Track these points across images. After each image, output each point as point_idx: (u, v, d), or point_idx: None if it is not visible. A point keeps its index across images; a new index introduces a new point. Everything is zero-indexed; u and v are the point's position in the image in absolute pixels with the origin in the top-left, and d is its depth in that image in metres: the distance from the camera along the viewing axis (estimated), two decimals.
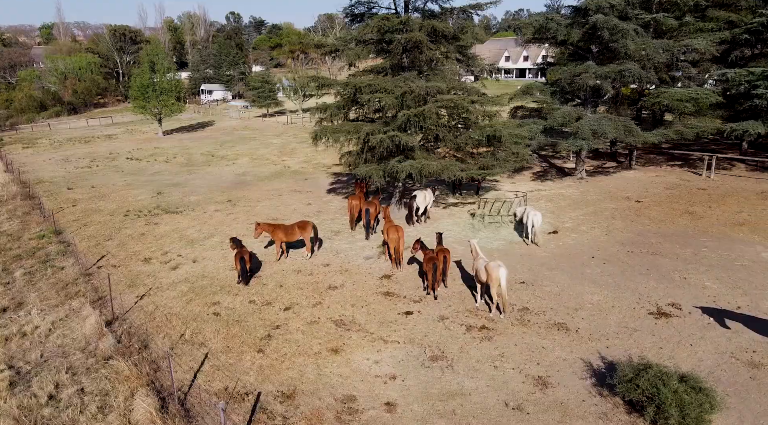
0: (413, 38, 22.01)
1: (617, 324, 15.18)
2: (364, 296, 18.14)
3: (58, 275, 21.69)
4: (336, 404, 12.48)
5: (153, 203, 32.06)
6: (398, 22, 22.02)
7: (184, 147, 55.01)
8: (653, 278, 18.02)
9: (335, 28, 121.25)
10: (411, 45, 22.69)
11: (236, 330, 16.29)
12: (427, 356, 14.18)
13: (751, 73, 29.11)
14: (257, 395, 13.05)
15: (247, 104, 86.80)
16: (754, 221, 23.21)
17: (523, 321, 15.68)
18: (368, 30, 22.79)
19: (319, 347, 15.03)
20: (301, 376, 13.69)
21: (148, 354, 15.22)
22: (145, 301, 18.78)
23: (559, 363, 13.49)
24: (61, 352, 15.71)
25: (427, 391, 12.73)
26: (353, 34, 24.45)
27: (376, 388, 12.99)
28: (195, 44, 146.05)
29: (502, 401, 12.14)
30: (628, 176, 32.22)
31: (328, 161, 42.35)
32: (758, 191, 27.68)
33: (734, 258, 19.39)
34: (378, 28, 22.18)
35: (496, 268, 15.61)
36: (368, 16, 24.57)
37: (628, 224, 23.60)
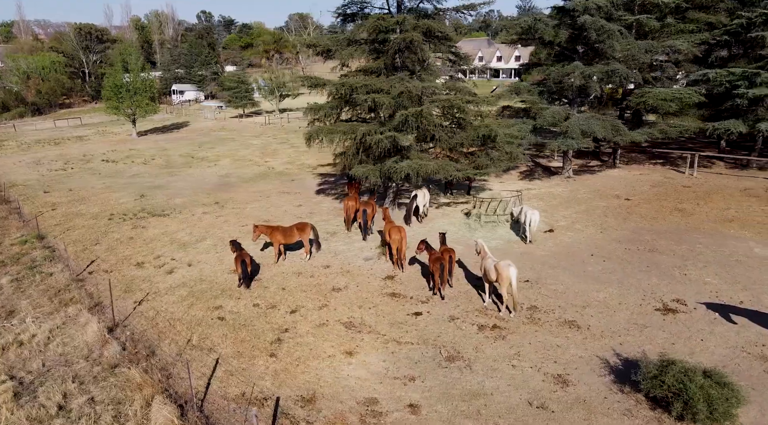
0: (409, 38, 21.99)
1: (626, 321, 15.41)
2: (370, 297, 18.05)
3: (48, 281, 21.10)
4: (358, 407, 12.39)
5: (137, 206, 31.40)
6: (394, 22, 21.98)
7: (161, 149, 54.00)
8: (654, 275, 18.34)
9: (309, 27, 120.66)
10: (405, 45, 22.65)
11: (244, 335, 16.05)
12: (443, 356, 14.18)
13: (731, 74, 29.89)
14: (276, 400, 12.88)
15: (221, 105, 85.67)
16: (742, 217, 23.83)
17: (533, 319, 15.80)
18: (362, 30, 22.68)
19: (332, 350, 14.91)
20: (319, 380, 13.56)
21: (156, 361, 14.88)
22: (145, 306, 18.38)
23: (576, 360, 13.62)
24: (63, 361, 15.28)
25: (449, 392, 12.72)
26: (346, 34, 24.29)
27: (396, 390, 12.94)
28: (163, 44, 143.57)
29: (525, 400, 12.21)
30: (614, 175, 32.77)
31: (313, 161, 42.08)
32: (741, 188, 28.42)
33: (729, 254, 19.87)
34: (375, 27, 22.08)
35: (507, 267, 15.70)
36: (361, 16, 24.46)
37: (621, 222, 23.99)
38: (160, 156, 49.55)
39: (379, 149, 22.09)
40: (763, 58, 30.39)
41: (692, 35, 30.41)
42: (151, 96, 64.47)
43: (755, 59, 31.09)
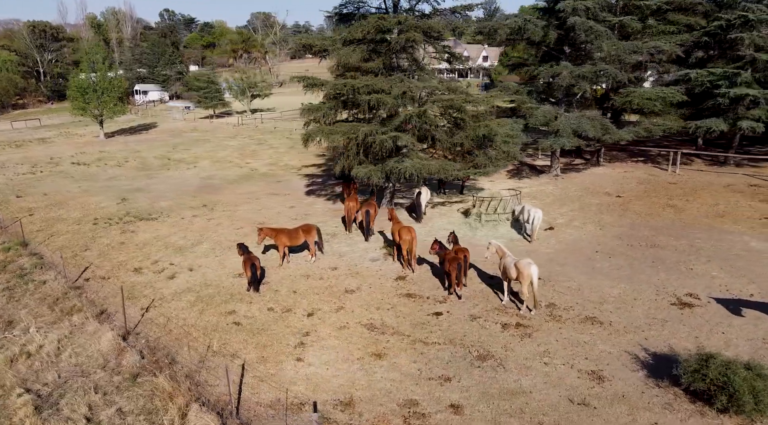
0: (411, 38, 22.01)
1: (645, 316, 15.75)
2: (386, 298, 18.00)
3: (43, 289, 20.40)
4: (400, 409, 12.34)
5: (120, 210, 30.58)
6: (395, 22, 21.93)
7: (133, 151, 52.71)
8: (662, 270, 18.80)
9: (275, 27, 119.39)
10: (401, 45, 22.68)
11: (265, 339, 15.80)
12: (473, 356, 14.23)
13: (712, 74, 30.89)
14: (314, 404, 12.69)
15: (189, 105, 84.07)
16: (732, 212, 24.64)
17: (554, 316, 16.01)
18: (361, 29, 22.52)
19: (360, 352, 14.80)
20: (353, 383, 13.44)
21: (179, 369, 14.51)
22: (153, 313, 17.92)
23: (606, 356, 13.85)
24: (79, 371, 14.79)
25: (487, 391, 12.78)
26: (343, 34, 24.14)
27: (434, 391, 12.93)
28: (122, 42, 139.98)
29: (565, 397, 12.35)
30: (599, 173, 33.47)
31: (296, 163, 41.70)
32: (724, 185, 29.40)
33: (728, 248, 20.52)
34: (376, 27, 21.99)
35: (528, 265, 15.86)
36: (358, 17, 24.34)
37: (617, 219, 24.52)
38: (134, 158, 48.37)
39: (383, 149, 22.03)
40: (741, 58, 31.50)
41: (673, 36, 31.32)
42: (119, 96, 62.84)
43: (733, 60, 32.21)
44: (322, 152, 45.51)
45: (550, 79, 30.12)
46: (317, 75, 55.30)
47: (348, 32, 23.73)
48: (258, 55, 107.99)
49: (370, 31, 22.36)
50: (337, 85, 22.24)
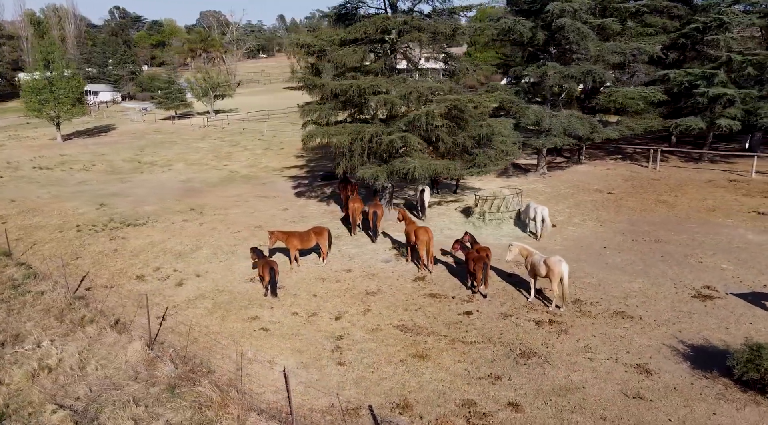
0: (416, 38, 22.05)
1: (671, 309, 16.24)
2: (411, 299, 17.98)
3: (43, 300, 19.54)
4: (459, 409, 12.35)
5: (102, 215, 29.51)
6: (401, 22, 21.90)
7: (96, 154, 50.90)
8: (673, 264, 19.44)
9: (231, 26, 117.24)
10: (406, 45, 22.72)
11: (299, 345, 15.56)
12: (516, 354, 14.37)
13: (689, 74, 32.14)
14: (369, 408, 12.60)
15: (146, 106, 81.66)
16: (722, 206, 25.69)
17: (584, 312, 16.33)
18: (365, 29, 22.41)
19: (401, 354, 14.74)
20: (403, 385, 13.37)
21: (218, 377, 14.12)
22: (171, 322, 17.38)
23: (645, 349, 14.22)
24: (110, 384, 14.21)
25: (540, 388, 12.93)
26: (342, 34, 23.95)
27: (487, 390, 12.99)
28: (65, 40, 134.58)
29: (619, 391, 12.61)
30: (582, 170, 34.33)
31: (276, 164, 41.12)
32: (706, 180, 30.62)
33: (728, 241, 21.39)
34: (382, 27, 21.92)
35: (558, 263, 16.13)
36: (359, 17, 24.20)
37: (614, 215, 25.21)
38: (100, 162, 46.72)
39: (390, 149, 22.00)
40: (716, 59, 32.88)
41: (652, 38, 32.44)
42: (77, 97, 60.51)
43: (708, 61, 33.59)
44: (300, 153, 45.07)
45: (537, 80, 30.68)
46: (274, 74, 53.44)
47: (348, 31, 23.53)
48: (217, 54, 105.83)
49: (374, 31, 22.26)
50: (344, 86, 22.02)
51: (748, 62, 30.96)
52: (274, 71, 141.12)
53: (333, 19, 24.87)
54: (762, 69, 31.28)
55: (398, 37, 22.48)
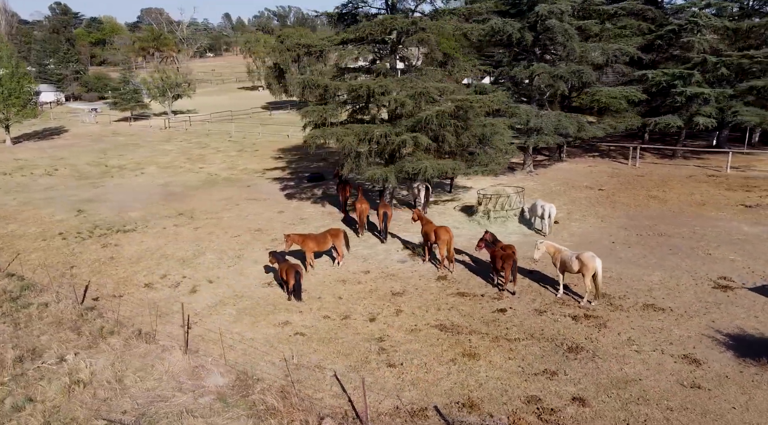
0: (426, 38, 22.13)
1: (697, 300, 16.88)
2: (440, 298, 18.03)
3: (50, 313, 18.63)
4: (526, 406, 12.48)
5: (85, 222, 28.36)
6: (410, 23, 21.92)
7: (55, 157, 48.67)
8: (683, 257, 20.20)
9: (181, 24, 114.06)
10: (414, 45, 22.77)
11: (342, 348, 15.37)
12: (564, 349, 14.63)
13: (666, 74, 33.47)
14: (435, 409, 12.58)
15: (96, 107, 78.56)
16: (710, 201, 26.86)
17: (615, 306, 16.77)
18: (369, 29, 22.31)
19: (449, 353, 14.77)
20: (462, 384, 13.41)
21: (269, 385, 13.78)
22: (199, 330, 16.83)
23: (686, 340, 14.73)
24: (155, 396, 13.68)
25: (599, 382, 13.20)
26: (343, 34, 23.77)
27: (547, 386, 13.17)
28: None
29: (675, 382, 13.02)
30: (566, 168, 35.20)
31: (256, 166, 40.32)
32: (686, 176, 31.96)
33: (727, 234, 22.38)
34: (390, 28, 21.88)
35: (592, 258, 16.52)
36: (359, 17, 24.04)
37: (612, 211, 25.97)
38: (63, 166, 44.69)
39: (401, 149, 22.01)
40: (689, 60, 34.34)
41: (629, 39, 33.62)
42: (28, 98, 57.64)
43: (682, 62, 35.04)
44: (278, 155, 44.41)
45: (526, 79, 31.29)
46: (225, 74, 52.33)
47: (350, 32, 23.37)
48: (170, 53, 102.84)
49: (380, 31, 22.21)
50: (353, 86, 21.86)
51: (722, 63, 32.53)
52: (225, 71, 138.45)
53: (335, 19, 24.60)
54: (734, 70, 32.91)
55: (406, 37, 22.42)
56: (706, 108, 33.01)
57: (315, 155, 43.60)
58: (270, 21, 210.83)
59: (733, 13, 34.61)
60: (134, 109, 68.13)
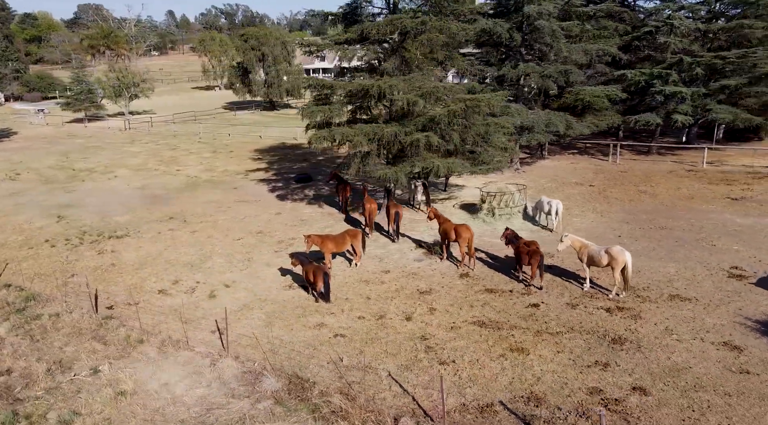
0: (434, 38, 22.27)
1: (718, 289, 17.64)
2: (469, 296, 18.20)
3: (65, 323, 17.89)
4: (590, 397, 12.77)
5: (69, 228, 27.24)
6: (419, 23, 21.99)
7: (12, 161, 46.19)
8: (691, 248, 21.05)
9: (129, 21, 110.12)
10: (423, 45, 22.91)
11: (387, 348, 15.32)
12: (608, 341, 15.04)
13: (644, 73, 34.78)
14: (501, 404, 12.73)
15: (43, 108, 75.08)
16: (697, 194, 28.08)
17: (642, 297, 17.34)
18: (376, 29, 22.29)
19: (497, 349, 14.93)
20: (521, 379, 13.59)
21: (326, 387, 13.59)
22: (231, 335, 16.42)
23: (720, 328, 15.37)
24: (210, 404, 13.33)
25: (652, 371, 13.63)
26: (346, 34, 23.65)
27: (604, 377, 13.47)
28: None
29: (723, 368, 13.58)
30: (550, 165, 36.04)
31: (236, 168, 39.47)
32: (667, 171, 33.27)
33: (723, 225, 23.44)
34: (401, 28, 21.90)
35: (622, 252, 17.02)
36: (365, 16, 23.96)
37: (608, 206, 26.79)
38: (23, 170, 42.51)
39: (413, 149, 22.10)
40: (664, 60, 35.77)
41: (607, 40, 34.75)
42: None
43: (657, 62, 36.46)
44: (256, 156, 43.62)
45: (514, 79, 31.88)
46: (174, 73, 50.84)
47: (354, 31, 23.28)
48: (122, 52, 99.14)
49: (390, 31, 22.22)
50: (365, 86, 21.77)
51: (697, 63, 34.07)
52: (174, 70, 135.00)
53: (339, 18, 24.40)
54: (707, 69, 34.55)
55: (415, 37, 22.47)
56: (683, 106, 34.49)
57: (295, 156, 43.22)
58: (218, 19, 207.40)
59: (702, 16, 36.23)
60: (88, 110, 65.47)
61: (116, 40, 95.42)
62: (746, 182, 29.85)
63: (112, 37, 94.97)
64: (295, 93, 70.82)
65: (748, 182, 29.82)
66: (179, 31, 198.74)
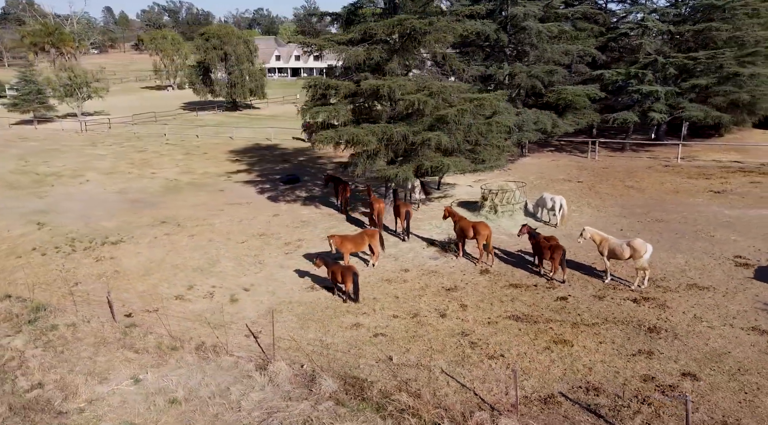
0: (439, 39, 22.53)
1: (729, 277, 18.57)
2: (495, 291, 18.51)
3: (85, 332, 17.26)
4: (645, 385, 13.24)
5: (55, 236, 26.16)
6: (427, 23, 22.15)
7: None
8: (691, 239, 22.03)
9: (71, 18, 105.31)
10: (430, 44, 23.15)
11: (430, 345, 15.42)
12: (644, 330, 15.63)
13: (620, 73, 36.13)
14: (561, 394, 13.06)
15: None
16: (681, 188, 29.39)
17: (663, 288, 18.07)
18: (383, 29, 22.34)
19: (540, 342, 15.26)
20: (573, 370, 13.96)
21: (382, 385, 13.60)
22: (266, 338, 16.22)
23: (744, 314, 16.18)
24: (269, 407, 13.20)
25: (694, 357, 14.25)
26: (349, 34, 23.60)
27: (651, 365, 13.98)
28: None
29: (759, 351, 14.33)
30: (532, 162, 36.88)
31: (215, 170, 38.63)
32: (645, 167, 34.64)
33: (714, 217, 24.62)
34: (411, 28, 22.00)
35: (643, 244, 17.70)
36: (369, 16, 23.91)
37: (601, 201, 27.70)
38: None
39: (430, 148, 22.29)
40: (638, 60, 37.25)
41: (585, 41, 35.92)
42: None
43: (631, 63, 37.92)
44: (233, 158, 42.77)
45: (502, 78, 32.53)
46: (120, 72, 49.57)
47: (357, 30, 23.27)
48: (70, 50, 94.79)
49: (399, 30, 22.32)
50: (374, 86, 21.77)
51: (670, 64, 35.64)
52: (117, 69, 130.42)
53: (343, 18, 24.28)
54: (680, 69, 36.20)
55: (422, 37, 22.63)
56: (658, 104, 36.02)
57: (274, 157, 42.66)
58: (161, 16, 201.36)
59: (671, 19, 37.86)
60: (37, 111, 62.54)
61: (62, 37, 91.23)
62: (722, 176, 31.47)
63: (57, 35, 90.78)
64: (258, 93, 69.73)
65: (723, 176, 31.44)
66: (118, 29, 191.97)
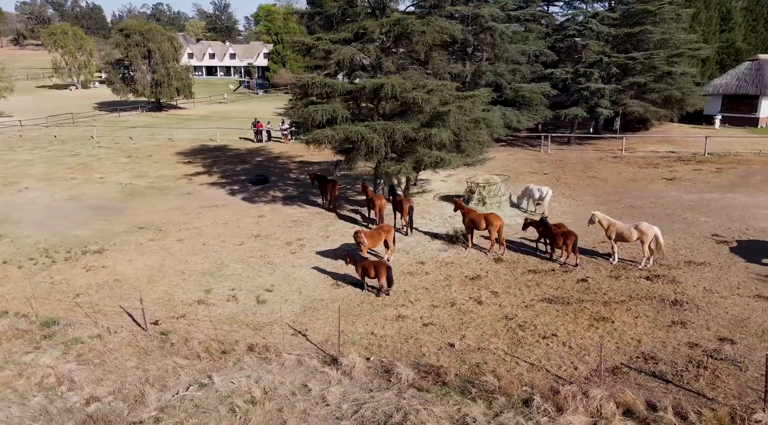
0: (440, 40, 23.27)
1: (716, 253, 20.44)
2: (518, 277, 19.42)
3: (117, 343, 16.73)
4: (691, 351, 14.52)
5: (23, 246, 24.72)
6: (425, 23, 22.78)
7: None
8: (668, 221, 23.85)
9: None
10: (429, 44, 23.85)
11: (482, 330, 16.00)
12: (669, 303, 17.09)
13: (568, 72, 38.51)
14: (623, 365, 14.12)
15: None
16: (637, 177, 31.81)
17: (666, 265, 19.64)
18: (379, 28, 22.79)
19: (582, 321, 16.15)
20: (625, 343, 15.03)
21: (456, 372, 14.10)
22: (317, 336, 16.31)
23: (746, 283, 17.85)
24: (354, 400, 13.34)
25: (721, 324, 15.67)
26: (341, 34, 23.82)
27: (690, 333, 15.28)
28: None
29: None
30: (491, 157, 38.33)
31: (170, 172, 37.16)
32: (597, 158, 37.07)
33: (678, 201, 26.91)
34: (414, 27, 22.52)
35: (650, 227, 19.28)
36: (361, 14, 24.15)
37: (573, 191, 29.44)
38: None
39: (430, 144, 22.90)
40: (582, 60, 39.82)
41: (536, 41, 38.00)
42: None
43: (577, 62, 40.40)
44: (184, 159, 41.19)
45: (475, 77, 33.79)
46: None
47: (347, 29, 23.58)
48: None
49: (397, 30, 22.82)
50: (376, 84, 22.11)
51: (613, 63, 38.47)
52: (33, 63, 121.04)
53: (337, 17, 24.32)
54: (621, 68, 39.16)
55: (419, 36, 23.21)
56: (603, 101, 38.74)
57: (229, 158, 41.61)
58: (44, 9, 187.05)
59: (611, 23, 40.73)
60: None
61: None
62: (667, 165, 34.41)
63: None
64: (185, 92, 67.10)
65: (668, 165, 34.40)
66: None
